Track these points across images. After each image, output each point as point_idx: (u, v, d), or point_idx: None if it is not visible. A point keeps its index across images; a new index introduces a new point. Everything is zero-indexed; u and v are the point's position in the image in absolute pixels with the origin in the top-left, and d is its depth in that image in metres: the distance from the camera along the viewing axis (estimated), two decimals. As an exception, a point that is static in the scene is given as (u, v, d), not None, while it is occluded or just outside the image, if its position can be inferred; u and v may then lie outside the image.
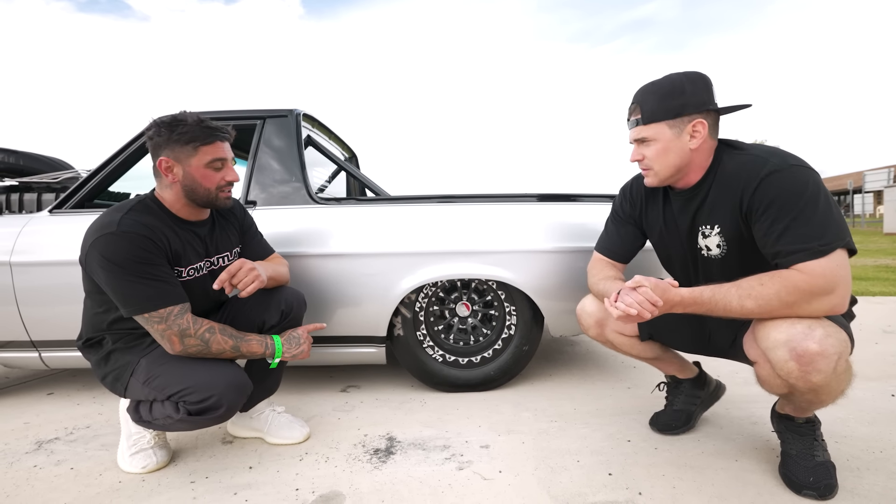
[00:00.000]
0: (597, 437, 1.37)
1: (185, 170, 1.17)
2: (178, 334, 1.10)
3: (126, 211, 1.12)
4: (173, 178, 1.17)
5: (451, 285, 1.78)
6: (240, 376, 1.17)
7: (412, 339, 1.74)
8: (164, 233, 1.15)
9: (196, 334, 1.12)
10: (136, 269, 1.07)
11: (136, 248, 1.07)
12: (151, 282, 1.09)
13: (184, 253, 1.20)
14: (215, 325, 1.16)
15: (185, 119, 1.15)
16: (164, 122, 1.15)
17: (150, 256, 1.09)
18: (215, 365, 1.16)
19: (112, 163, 1.76)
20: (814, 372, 0.89)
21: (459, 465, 1.23)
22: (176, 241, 1.18)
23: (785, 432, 1.10)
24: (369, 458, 1.29)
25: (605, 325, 1.30)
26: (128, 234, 1.07)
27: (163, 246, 1.13)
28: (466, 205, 1.71)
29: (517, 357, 1.75)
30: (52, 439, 1.45)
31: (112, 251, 1.06)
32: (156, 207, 1.19)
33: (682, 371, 1.36)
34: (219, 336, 1.15)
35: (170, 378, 1.11)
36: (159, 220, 1.16)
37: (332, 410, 1.63)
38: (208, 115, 1.84)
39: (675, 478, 1.14)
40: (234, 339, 1.17)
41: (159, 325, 1.09)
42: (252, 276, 1.20)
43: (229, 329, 1.18)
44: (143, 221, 1.11)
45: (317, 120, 2.11)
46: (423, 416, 1.56)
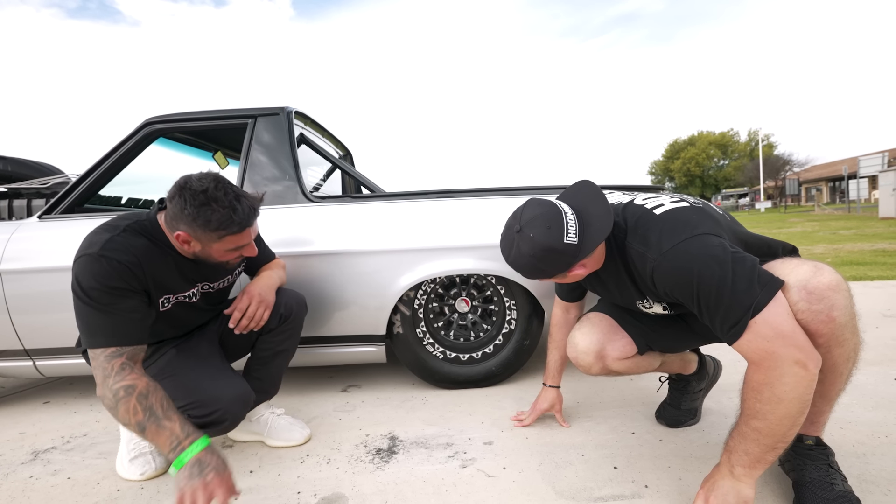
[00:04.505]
0: (601, 430, 1.36)
1: (204, 249, 1.07)
2: (100, 378, 0.94)
3: (119, 231, 1.03)
4: (187, 248, 1.06)
5: (450, 281, 1.76)
6: (243, 389, 1.16)
7: (412, 337, 1.72)
8: (150, 261, 1.04)
9: (111, 386, 0.92)
10: (97, 298, 0.97)
11: (106, 276, 0.97)
12: (107, 315, 0.97)
13: (175, 282, 1.13)
14: (141, 387, 0.92)
15: (216, 202, 0.99)
16: (191, 194, 0.98)
17: (118, 288, 0.98)
18: (219, 377, 1.14)
19: (101, 166, 1.73)
20: (834, 308, 0.81)
21: (463, 463, 1.22)
22: (166, 270, 1.09)
23: (794, 458, 0.99)
24: (371, 458, 1.27)
25: (606, 354, 1.18)
26: (105, 258, 0.98)
27: (141, 278, 1.03)
28: (463, 199, 1.69)
29: (518, 352, 1.74)
30: (49, 449, 1.43)
31: (84, 274, 0.97)
32: (154, 233, 1.08)
33: (685, 367, 1.33)
34: (133, 402, 0.90)
35: (174, 391, 1.03)
36: (154, 246, 1.06)
37: (332, 411, 1.62)
38: (200, 115, 1.83)
39: (682, 469, 1.12)
40: (148, 414, 0.89)
41: (93, 361, 0.96)
42: (262, 309, 1.22)
43: (158, 398, 0.92)
44: (131, 247, 1.02)
45: (309, 118, 2.08)
46: (425, 414, 1.54)
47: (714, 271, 0.83)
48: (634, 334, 1.18)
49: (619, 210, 1.02)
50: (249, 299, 1.23)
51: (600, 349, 1.17)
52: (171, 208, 1.01)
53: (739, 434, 0.87)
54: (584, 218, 0.96)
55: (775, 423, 0.81)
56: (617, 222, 1.00)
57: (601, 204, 0.96)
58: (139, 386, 0.92)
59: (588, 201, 0.98)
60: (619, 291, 1.10)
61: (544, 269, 0.97)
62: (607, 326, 1.20)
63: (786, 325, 0.79)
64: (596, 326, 1.20)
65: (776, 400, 0.80)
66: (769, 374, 0.80)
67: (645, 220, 0.96)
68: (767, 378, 0.80)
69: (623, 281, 1.05)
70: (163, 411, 0.91)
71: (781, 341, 0.79)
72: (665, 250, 0.88)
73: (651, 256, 0.91)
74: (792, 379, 0.79)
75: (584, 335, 1.20)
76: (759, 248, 1.00)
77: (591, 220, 0.95)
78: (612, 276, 1.07)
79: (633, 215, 0.99)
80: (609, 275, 1.07)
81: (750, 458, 0.85)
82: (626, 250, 0.97)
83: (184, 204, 0.98)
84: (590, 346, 1.18)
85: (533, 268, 0.97)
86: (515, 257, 0.98)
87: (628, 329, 1.19)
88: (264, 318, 1.24)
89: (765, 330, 0.80)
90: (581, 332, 1.21)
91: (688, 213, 0.93)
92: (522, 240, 0.95)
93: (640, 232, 0.95)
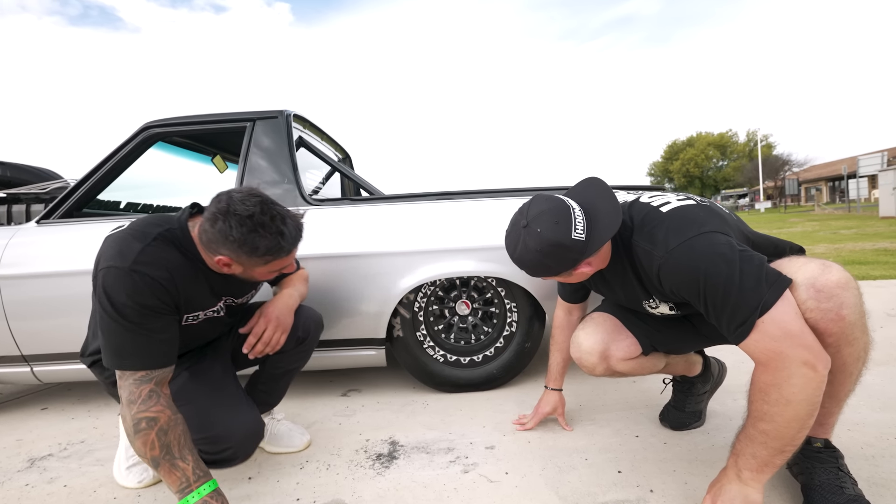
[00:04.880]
0: (604, 433, 1.34)
1: (245, 272, 1.01)
2: (124, 399, 0.91)
3: (150, 240, 0.95)
4: (227, 269, 0.99)
5: (450, 284, 1.75)
6: (256, 425, 1.11)
7: (412, 340, 1.70)
8: (182, 276, 0.99)
9: (134, 415, 0.89)
10: (128, 316, 0.91)
11: (139, 294, 0.91)
12: (136, 335, 0.92)
13: (204, 298, 1.07)
14: (163, 422, 0.89)
15: (263, 227, 0.91)
16: (237, 220, 0.90)
17: (151, 306, 0.93)
18: (233, 410, 1.10)
19: (100, 171, 1.72)
20: (843, 306, 0.79)
21: (464, 468, 1.20)
22: (196, 286, 1.03)
23: (803, 461, 0.97)
24: (371, 463, 1.26)
25: (610, 355, 1.15)
26: (138, 273, 0.91)
27: (174, 295, 0.97)
28: (462, 201, 1.67)
29: (520, 354, 1.72)
30: (45, 456, 1.41)
31: (114, 289, 0.91)
32: (186, 245, 1.00)
33: (690, 368, 1.31)
34: (152, 437, 0.88)
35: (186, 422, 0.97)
36: (185, 259, 1.00)
37: (332, 415, 1.60)
38: (198, 119, 1.82)
39: (687, 473, 1.11)
40: (164, 451, 0.89)
41: (120, 381, 0.93)
42: (279, 333, 1.17)
43: (177, 434, 0.91)
44: (164, 260, 0.95)
45: (308, 121, 2.07)
46: (426, 419, 1.52)
47: (721, 269, 0.81)
48: (639, 335, 1.17)
49: (624, 208, 1.01)
50: (266, 322, 1.17)
51: (604, 349, 1.16)
52: (213, 232, 0.92)
53: (746, 437, 0.85)
54: (592, 214, 0.94)
55: (783, 426, 0.79)
56: (623, 220, 0.98)
57: (610, 201, 0.95)
58: (161, 420, 0.89)
59: (596, 198, 0.97)
60: (625, 291, 1.08)
61: (551, 266, 0.95)
62: (611, 326, 1.18)
63: (794, 324, 0.78)
64: (600, 326, 1.18)
65: (784, 402, 0.78)
66: (777, 375, 0.78)
67: (651, 217, 0.94)
68: (775, 379, 0.79)
69: (629, 280, 1.03)
70: (179, 450, 0.90)
71: (789, 341, 0.77)
72: (672, 248, 0.87)
73: (658, 254, 0.89)
74: (800, 380, 0.77)
75: (588, 335, 1.18)
76: (766, 248, 0.99)
77: (600, 216, 0.93)
78: (617, 276, 1.06)
79: (640, 213, 0.97)
80: (614, 274, 1.06)
81: (757, 461, 0.83)
82: (633, 248, 0.96)
83: (228, 229, 0.90)
84: (594, 346, 1.16)
85: (539, 264, 0.95)
86: (521, 253, 0.96)
87: (633, 329, 1.17)
88: (280, 342, 1.19)
89: (772, 329, 0.78)
90: (585, 331, 1.19)
91: (695, 210, 0.92)
92: (529, 235, 0.93)
93: (647, 230, 0.93)
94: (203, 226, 0.95)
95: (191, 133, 1.82)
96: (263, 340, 1.16)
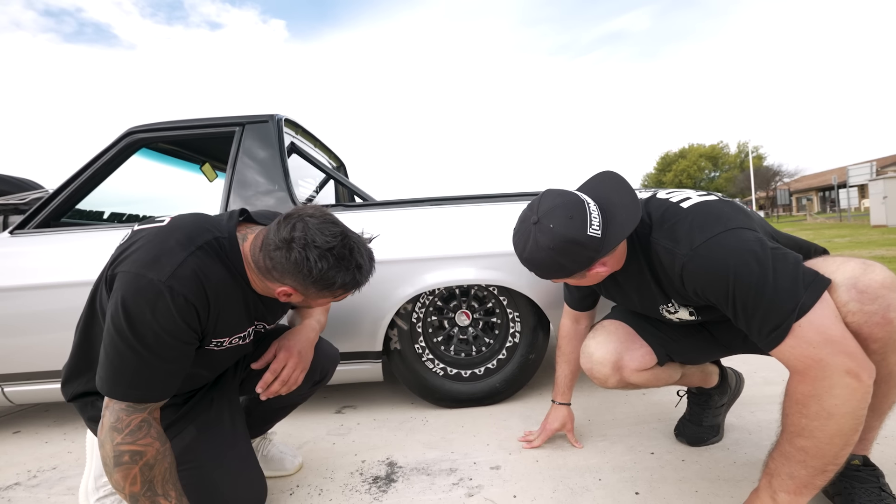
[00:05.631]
0: (617, 450, 1.25)
1: (306, 301, 0.90)
2: (107, 424, 0.78)
3: (194, 250, 0.82)
4: (285, 298, 0.88)
5: (450, 293, 1.67)
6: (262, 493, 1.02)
7: (410, 353, 1.61)
8: (223, 298, 0.86)
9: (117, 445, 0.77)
10: (146, 340, 0.77)
11: (168, 318, 0.78)
12: (145, 362, 0.78)
13: (238, 322, 0.93)
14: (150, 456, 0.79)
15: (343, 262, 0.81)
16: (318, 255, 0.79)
17: (176, 334, 0.80)
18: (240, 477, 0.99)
19: (79, 178, 1.64)
20: (891, 308, 0.72)
21: (469, 491, 1.11)
22: (233, 309, 0.90)
23: (840, 481, 0.90)
24: (368, 487, 1.16)
25: (623, 365, 1.07)
26: (174, 293, 0.77)
27: (205, 322, 0.85)
28: (463, 206, 1.61)
29: (523, 367, 1.64)
30: (12, 485, 1.30)
31: (139, 305, 0.77)
32: (233, 259, 0.88)
33: (706, 379, 1.23)
34: (135, 472, 0.77)
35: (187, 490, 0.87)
36: (230, 278, 0.87)
37: (326, 434, 1.50)
38: (184, 124, 1.75)
39: (711, 494, 1.02)
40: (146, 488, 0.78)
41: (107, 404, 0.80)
42: (298, 371, 1.04)
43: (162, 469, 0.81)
44: (207, 278, 0.82)
45: (301, 126, 2.01)
46: (426, 437, 1.43)
47: (753, 268, 0.74)
48: (654, 343, 1.09)
49: (640, 205, 0.94)
50: (287, 358, 1.03)
51: (617, 359, 1.07)
52: (284, 261, 0.80)
53: (782, 455, 0.77)
54: (607, 210, 0.87)
55: (825, 442, 0.71)
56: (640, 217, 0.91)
57: (627, 195, 0.88)
58: (148, 455, 0.78)
59: (612, 192, 0.90)
60: (640, 296, 1.01)
61: (563, 266, 0.87)
62: (624, 335, 1.10)
63: (835, 329, 0.70)
64: (612, 335, 1.10)
65: (826, 415, 0.70)
66: (816, 386, 0.71)
67: (672, 213, 0.87)
68: (815, 390, 0.71)
69: (646, 283, 0.96)
70: (162, 485, 0.80)
71: (830, 348, 0.70)
72: (697, 245, 0.80)
73: (681, 252, 0.82)
74: (843, 391, 0.69)
75: (600, 344, 1.10)
76: (791, 248, 0.92)
77: (616, 211, 0.86)
78: (632, 279, 0.98)
79: (658, 209, 0.90)
80: (629, 277, 0.98)
81: (795, 482, 0.75)
82: (652, 247, 0.89)
83: (306, 262, 0.79)
84: (606, 356, 1.08)
85: (552, 263, 0.87)
86: (531, 252, 0.88)
87: (647, 338, 1.10)
88: (299, 381, 1.05)
89: (811, 334, 0.71)
90: (596, 341, 1.11)
91: (719, 205, 0.85)
92: (541, 231, 0.85)
93: (667, 226, 0.86)
94: (267, 250, 0.82)
95: (177, 139, 1.75)
96: (282, 379, 1.02)
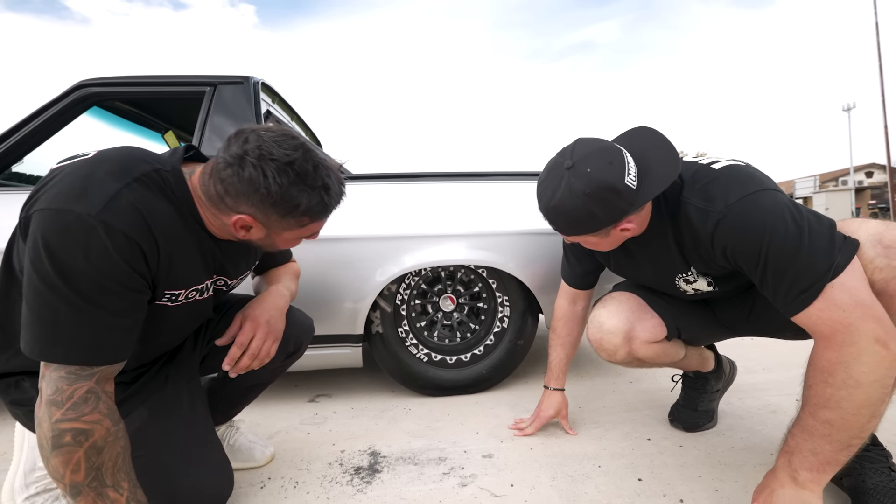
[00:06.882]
0: (613, 437, 1.21)
1: (269, 236, 0.77)
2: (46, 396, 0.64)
3: (129, 181, 0.67)
4: (243, 234, 0.75)
5: (435, 276, 1.58)
6: (228, 483, 0.89)
7: (393, 337, 1.51)
8: (172, 238, 0.72)
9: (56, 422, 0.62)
10: (81, 288, 0.63)
11: (106, 259, 0.63)
12: (85, 315, 0.64)
13: (191, 271, 0.79)
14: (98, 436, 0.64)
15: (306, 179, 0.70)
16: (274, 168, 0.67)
17: (118, 278, 0.65)
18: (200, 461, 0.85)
19: (19, 132, 1.43)
20: None
21: (462, 481, 1.03)
22: (186, 253, 0.76)
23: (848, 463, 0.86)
24: (350, 479, 1.06)
25: (635, 336, 1.03)
26: (109, 228, 0.63)
27: (154, 266, 0.70)
28: (452, 182, 1.52)
29: (512, 353, 1.57)
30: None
31: (67, 245, 0.62)
32: (180, 196, 0.74)
33: (704, 363, 1.21)
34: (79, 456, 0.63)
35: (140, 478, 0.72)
36: (177, 215, 0.73)
37: (299, 424, 1.38)
38: (146, 80, 1.55)
39: (715, 479, 0.99)
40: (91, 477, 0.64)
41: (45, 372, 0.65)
42: (269, 343, 0.91)
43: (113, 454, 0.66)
44: (145, 208, 0.67)
45: (278, 94, 1.85)
46: (410, 425, 1.34)
47: (789, 227, 0.72)
48: (664, 315, 1.06)
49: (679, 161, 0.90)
50: (254, 329, 0.89)
51: (629, 329, 1.03)
52: (236, 180, 0.68)
53: (804, 430, 0.73)
54: (643, 163, 0.82)
55: (852, 413, 0.68)
56: None
57: (666, 150, 0.83)
58: (96, 434, 0.64)
59: (648, 146, 0.85)
60: (656, 266, 0.96)
61: (595, 216, 0.80)
62: (636, 305, 1.07)
63: (865, 292, 0.68)
64: (623, 304, 1.06)
65: (854, 384, 0.67)
66: (844, 352, 0.68)
67: (704, 173, 0.83)
68: (842, 356, 0.68)
69: (666, 249, 0.91)
70: (112, 474, 0.66)
71: (860, 311, 0.67)
72: (732, 202, 0.76)
73: (715, 210, 0.78)
74: (871, 358, 0.67)
75: (612, 314, 1.05)
76: None
77: (652, 165, 0.81)
78: (651, 245, 0.93)
79: (689, 170, 0.86)
80: (648, 243, 0.93)
81: (819, 458, 0.71)
82: (681, 207, 0.84)
83: (262, 178, 0.66)
84: (618, 325, 1.03)
85: (584, 212, 0.80)
86: (562, 198, 0.80)
87: (657, 310, 1.06)
88: (271, 354, 0.92)
89: (842, 297, 0.68)
90: (607, 310, 1.07)
91: (750, 169, 0.82)
92: (576, 176, 0.78)
93: (699, 186, 0.82)
94: (217, 172, 0.69)
95: (136, 97, 1.58)
96: (251, 352, 0.88)
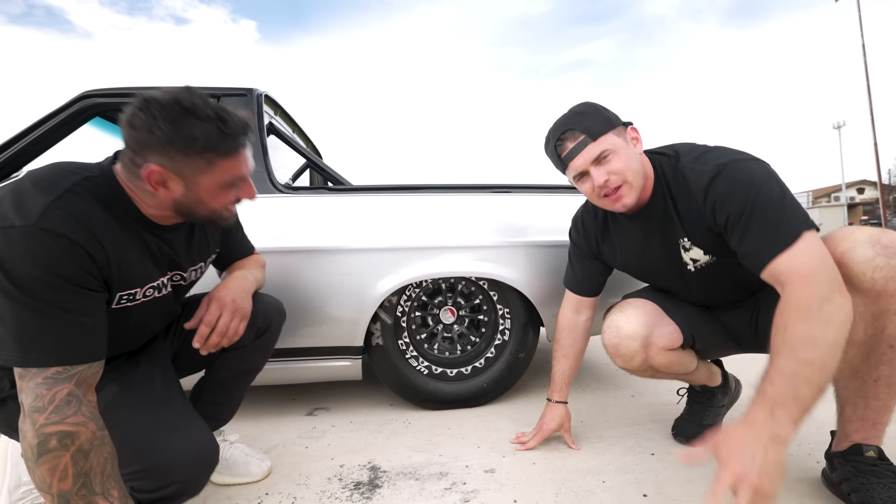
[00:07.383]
0: (616, 451, 1.19)
1: (189, 188, 0.76)
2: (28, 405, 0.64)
3: (61, 193, 0.68)
4: (165, 193, 0.75)
5: (435, 288, 1.58)
6: (211, 448, 0.84)
7: (394, 350, 1.50)
8: (112, 238, 0.73)
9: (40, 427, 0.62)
10: (37, 292, 0.65)
11: (52, 260, 0.65)
12: (49, 318, 0.66)
13: (141, 268, 0.80)
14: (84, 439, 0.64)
15: (196, 111, 0.70)
16: (160, 106, 0.69)
17: (69, 277, 0.67)
18: (178, 429, 0.82)
19: (19, 143, 1.43)
20: None
21: (464, 496, 1.01)
22: (131, 250, 0.77)
23: (856, 477, 0.84)
24: (349, 494, 1.03)
25: (652, 342, 1.04)
26: (48, 234, 0.65)
27: (102, 264, 0.72)
28: (453, 195, 1.53)
29: (512, 366, 1.56)
30: None
31: (14, 256, 0.64)
32: (112, 196, 0.75)
33: (711, 378, 1.20)
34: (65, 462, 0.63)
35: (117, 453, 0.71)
36: (112, 217, 0.74)
37: (297, 438, 1.35)
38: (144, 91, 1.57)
39: (721, 494, 0.97)
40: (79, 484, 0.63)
41: (23, 383, 0.66)
42: (236, 321, 0.92)
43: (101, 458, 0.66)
44: (82, 215, 0.69)
45: (280, 106, 1.87)
46: (410, 440, 1.31)
47: (773, 187, 0.82)
48: (680, 322, 1.07)
49: (667, 147, 1.02)
50: (220, 308, 0.91)
51: (648, 334, 1.04)
52: (135, 135, 0.70)
53: (783, 375, 0.68)
54: None
55: (827, 352, 0.69)
56: (667, 154, 0.99)
57: None
58: (82, 437, 0.63)
59: None
60: (662, 233, 1.00)
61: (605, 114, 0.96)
62: (653, 310, 1.08)
63: (828, 257, 0.76)
64: (641, 309, 1.07)
65: (826, 320, 0.70)
66: (820, 290, 0.72)
67: (700, 147, 0.96)
68: (819, 292, 0.72)
69: (668, 219, 0.97)
70: (101, 481, 0.65)
71: (830, 264, 0.75)
72: (725, 163, 0.86)
73: (709, 169, 0.88)
74: (840, 300, 0.72)
75: (630, 318, 1.06)
76: None
77: None
78: (654, 220, 0.99)
79: (685, 146, 0.99)
80: (651, 217, 1.00)
81: (800, 407, 0.67)
82: (679, 173, 0.94)
83: (152, 122, 0.68)
84: (637, 329, 1.04)
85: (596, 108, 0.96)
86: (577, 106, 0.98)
87: (673, 317, 1.08)
88: (239, 331, 0.94)
89: (816, 246, 0.76)
90: (625, 314, 1.07)
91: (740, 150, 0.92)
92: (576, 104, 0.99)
93: (694, 155, 0.93)
94: (123, 137, 0.71)
95: (140, 108, 1.57)
96: (219, 330, 0.90)
